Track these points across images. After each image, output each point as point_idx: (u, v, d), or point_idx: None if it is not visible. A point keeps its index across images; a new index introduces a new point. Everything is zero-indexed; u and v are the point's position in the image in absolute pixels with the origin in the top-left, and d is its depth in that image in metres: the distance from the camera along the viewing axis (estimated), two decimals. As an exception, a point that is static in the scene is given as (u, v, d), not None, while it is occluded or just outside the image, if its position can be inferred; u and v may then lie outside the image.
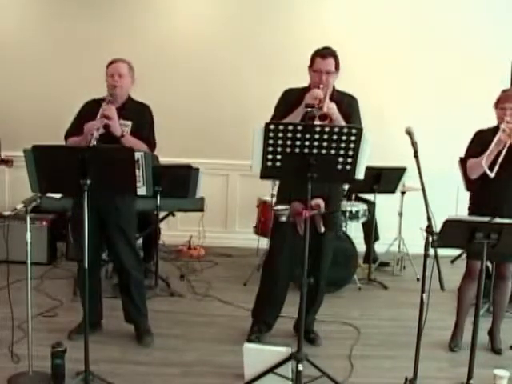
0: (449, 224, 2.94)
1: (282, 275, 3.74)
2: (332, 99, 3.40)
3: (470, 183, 3.71)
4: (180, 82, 6.03)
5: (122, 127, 3.58)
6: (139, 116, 3.69)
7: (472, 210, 3.67)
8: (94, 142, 3.39)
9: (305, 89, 3.59)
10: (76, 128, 3.59)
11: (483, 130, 3.64)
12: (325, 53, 3.52)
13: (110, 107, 3.53)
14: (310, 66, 3.57)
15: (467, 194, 3.85)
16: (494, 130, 3.53)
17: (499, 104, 3.54)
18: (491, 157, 3.43)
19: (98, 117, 3.48)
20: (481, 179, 3.51)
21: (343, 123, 3.30)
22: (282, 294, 3.80)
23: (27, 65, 6.07)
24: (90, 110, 3.60)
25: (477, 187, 3.63)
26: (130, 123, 3.63)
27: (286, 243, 3.65)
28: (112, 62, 3.69)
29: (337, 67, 3.53)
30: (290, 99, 3.57)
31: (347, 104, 3.51)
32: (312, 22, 5.89)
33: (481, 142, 3.55)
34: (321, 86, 3.43)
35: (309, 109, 3.31)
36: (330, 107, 3.32)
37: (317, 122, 3.21)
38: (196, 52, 6.06)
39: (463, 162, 3.63)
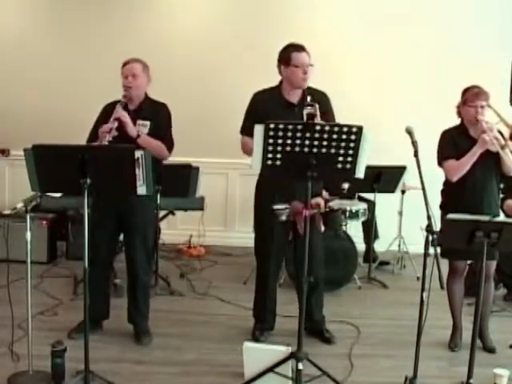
0: (449, 223, 2.94)
1: (271, 276, 3.78)
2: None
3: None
4: (179, 82, 6.02)
5: (139, 127, 3.60)
6: (156, 115, 3.69)
7: (449, 210, 3.42)
8: (105, 143, 3.41)
9: (275, 88, 3.58)
10: (95, 134, 3.59)
11: (447, 130, 3.68)
12: (300, 47, 3.51)
13: (121, 110, 3.53)
14: (287, 63, 3.50)
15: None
16: (461, 129, 3.61)
17: (468, 102, 3.54)
18: (474, 157, 3.45)
19: (111, 119, 3.49)
20: (461, 179, 3.52)
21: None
22: (274, 294, 3.83)
23: (28, 64, 6.06)
24: (107, 113, 3.62)
25: (453, 187, 3.59)
26: (148, 123, 3.64)
27: (273, 244, 3.66)
28: (126, 63, 3.67)
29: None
30: (263, 103, 3.53)
31: (321, 102, 3.46)
32: (306, 23, 5.89)
33: (452, 141, 3.58)
34: (305, 76, 3.43)
35: (309, 107, 3.32)
36: None
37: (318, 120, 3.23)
38: (195, 51, 6.06)
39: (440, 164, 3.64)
